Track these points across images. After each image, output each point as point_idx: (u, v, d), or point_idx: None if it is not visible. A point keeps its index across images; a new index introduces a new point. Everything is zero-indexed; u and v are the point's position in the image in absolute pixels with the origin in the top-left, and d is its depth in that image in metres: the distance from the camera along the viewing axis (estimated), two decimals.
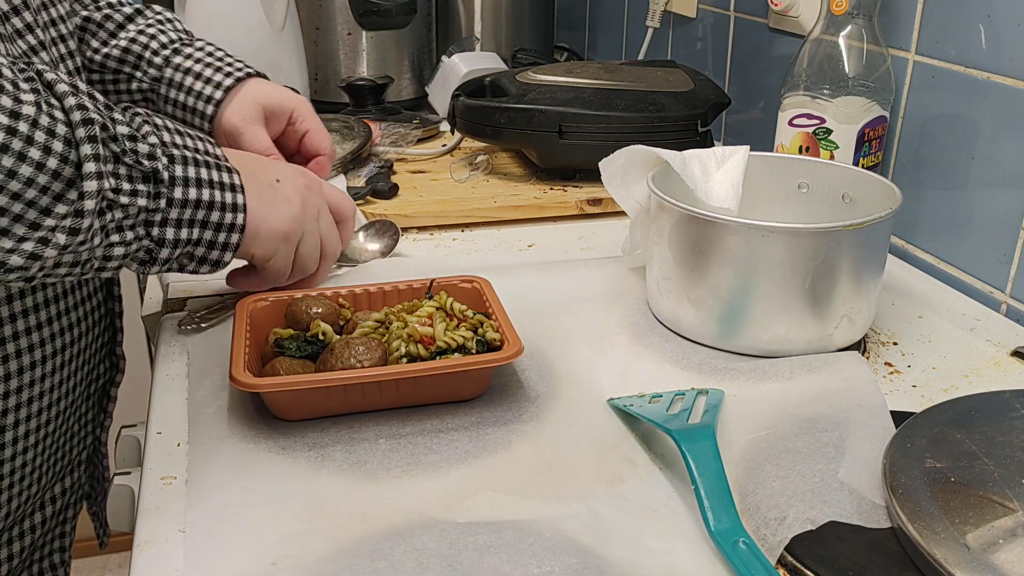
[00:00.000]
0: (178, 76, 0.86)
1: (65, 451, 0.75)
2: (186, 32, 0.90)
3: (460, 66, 1.35)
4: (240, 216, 0.65)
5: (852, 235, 0.67)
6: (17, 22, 0.64)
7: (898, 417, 0.60)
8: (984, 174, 0.83)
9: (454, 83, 1.25)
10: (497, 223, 1.01)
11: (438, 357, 0.63)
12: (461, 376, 0.63)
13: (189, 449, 0.60)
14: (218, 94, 0.85)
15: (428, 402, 0.64)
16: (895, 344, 0.75)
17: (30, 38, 0.65)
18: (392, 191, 1.04)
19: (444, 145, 1.25)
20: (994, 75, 0.81)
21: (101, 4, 0.88)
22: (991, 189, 0.82)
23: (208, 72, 0.86)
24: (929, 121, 0.89)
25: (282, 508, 0.54)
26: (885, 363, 0.72)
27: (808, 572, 0.49)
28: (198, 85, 0.85)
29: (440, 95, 1.38)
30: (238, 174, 0.65)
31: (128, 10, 0.88)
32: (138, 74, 0.86)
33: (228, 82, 0.85)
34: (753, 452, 0.58)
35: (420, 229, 0.99)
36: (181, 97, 0.86)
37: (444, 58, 1.40)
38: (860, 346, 0.73)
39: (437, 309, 0.68)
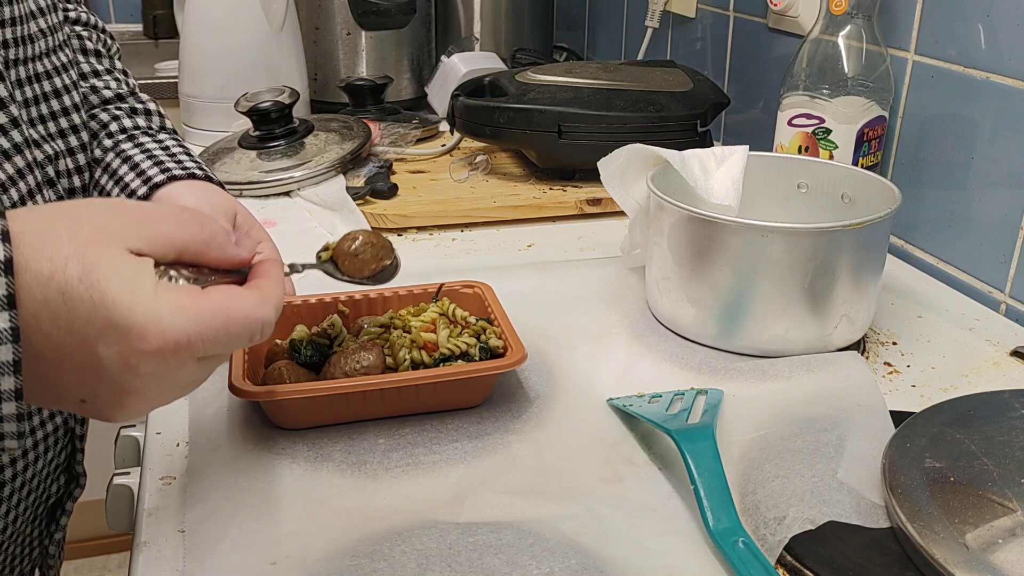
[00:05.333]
0: (115, 163, 0.73)
1: (4, 574, 0.69)
2: (161, 128, 0.79)
3: (459, 66, 1.35)
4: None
5: (851, 235, 0.67)
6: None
7: (897, 417, 0.60)
8: (983, 174, 0.83)
9: (453, 83, 1.25)
10: (496, 223, 1.01)
11: (441, 364, 0.63)
12: (464, 383, 0.63)
13: (189, 449, 0.61)
14: (142, 189, 0.70)
15: (431, 410, 0.63)
16: (894, 344, 0.75)
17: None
18: (391, 191, 1.04)
19: (443, 145, 1.25)
20: (993, 75, 0.81)
21: (98, 70, 0.78)
22: (990, 189, 0.82)
23: (146, 164, 0.72)
24: (928, 121, 0.89)
25: (282, 508, 0.54)
26: (884, 363, 0.72)
27: (807, 572, 0.49)
28: (129, 176, 0.71)
29: (439, 95, 1.38)
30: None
31: (108, 93, 0.78)
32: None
33: (160, 178, 0.70)
34: (752, 452, 0.58)
35: (419, 229, 0.99)
36: (109, 186, 0.72)
37: (443, 58, 1.40)
38: (859, 346, 0.73)
39: (440, 315, 0.68)
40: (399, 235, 0.98)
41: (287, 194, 1.08)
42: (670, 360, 0.71)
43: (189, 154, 0.77)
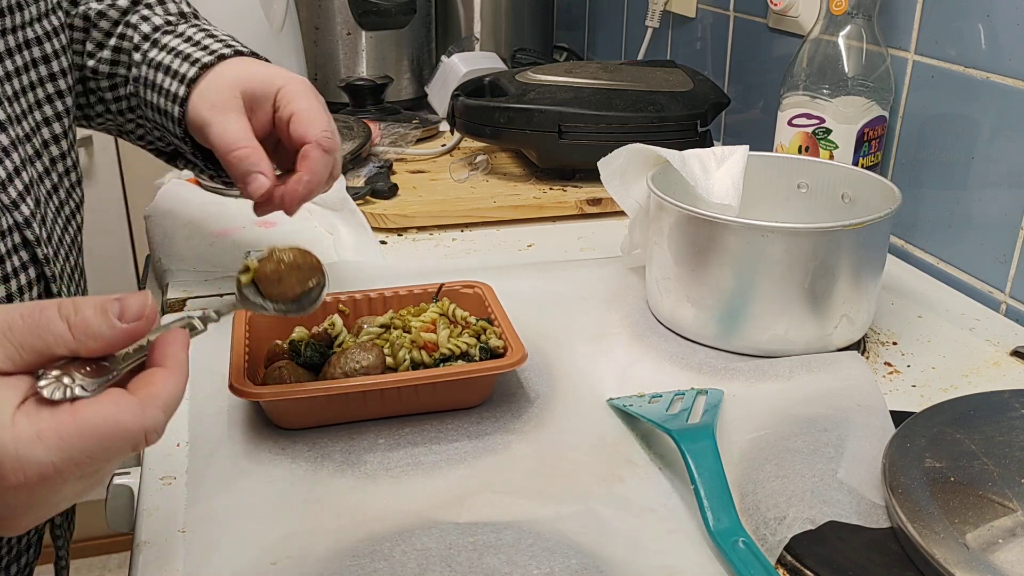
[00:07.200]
0: (150, 74, 0.72)
1: (11, 543, 0.67)
2: (180, 14, 0.79)
3: (459, 66, 1.35)
4: None
5: (852, 235, 0.67)
6: None
7: (898, 417, 0.60)
8: (983, 174, 0.83)
9: (453, 83, 1.25)
10: (497, 223, 1.01)
11: (441, 364, 0.63)
12: (464, 384, 0.63)
13: (189, 449, 0.60)
14: (182, 90, 0.70)
15: (431, 410, 0.63)
16: (895, 344, 0.75)
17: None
18: (391, 191, 1.04)
19: (443, 145, 1.25)
20: (993, 75, 0.81)
21: None
22: (990, 189, 0.82)
23: (176, 64, 0.71)
24: (928, 121, 0.89)
25: (282, 508, 0.54)
26: (885, 363, 0.72)
27: (808, 572, 0.49)
28: (166, 82, 0.71)
29: (439, 95, 1.38)
30: None
31: (124, 2, 0.77)
32: (122, 77, 0.75)
33: (192, 72, 0.69)
34: (753, 452, 0.58)
35: (420, 229, 0.99)
36: (154, 99, 0.72)
37: (443, 58, 1.40)
38: (860, 346, 0.73)
39: (440, 315, 0.68)
40: (399, 235, 0.98)
41: None
42: (670, 360, 0.71)
43: (214, 36, 0.75)
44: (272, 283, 0.56)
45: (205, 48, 0.72)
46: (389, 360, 0.63)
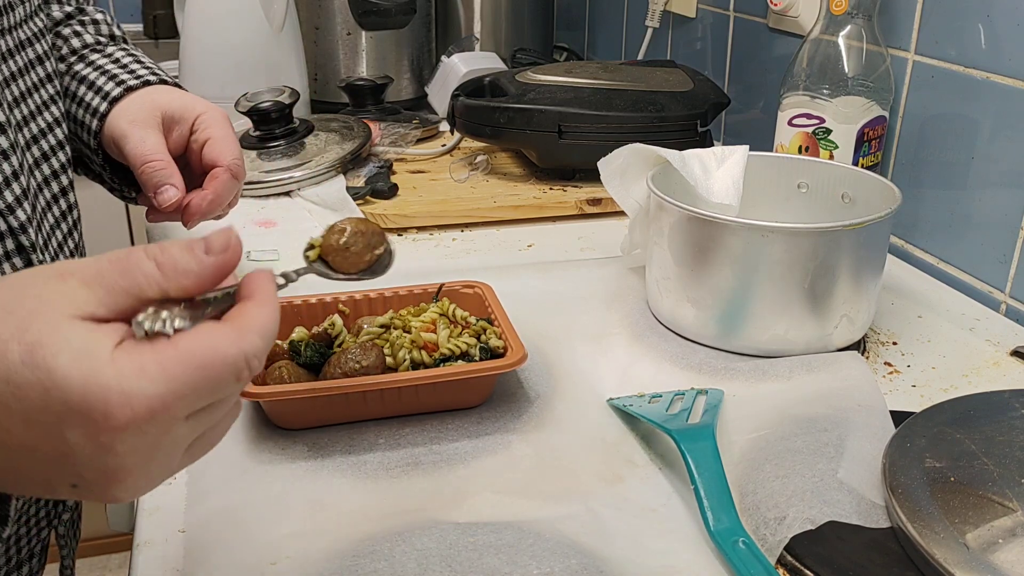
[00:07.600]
0: (73, 86, 0.75)
1: (11, 554, 0.67)
2: (111, 36, 0.82)
3: (459, 66, 1.35)
4: None
5: (852, 235, 0.67)
6: None
7: (898, 417, 0.60)
8: (983, 174, 0.83)
9: (453, 83, 1.25)
10: (497, 223, 1.01)
11: (441, 364, 0.63)
12: (464, 384, 0.63)
13: None
14: (103, 106, 0.72)
15: (431, 410, 0.63)
16: (895, 344, 0.75)
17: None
18: (392, 191, 1.04)
19: (444, 145, 1.25)
20: (993, 75, 0.81)
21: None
22: (990, 189, 0.82)
23: (101, 81, 0.74)
24: (928, 121, 0.89)
25: (282, 508, 0.54)
26: (885, 363, 0.72)
27: (808, 572, 0.49)
28: (88, 96, 0.73)
29: (439, 95, 1.38)
30: None
31: (59, 14, 0.79)
32: None
33: (116, 92, 0.73)
34: (753, 452, 0.58)
35: (420, 229, 0.99)
36: (72, 108, 0.74)
37: (444, 58, 1.40)
38: (860, 346, 0.73)
39: (440, 315, 0.68)
40: (399, 235, 0.98)
41: (287, 194, 1.08)
42: (670, 360, 0.71)
43: (143, 63, 0.78)
44: (339, 254, 0.55)
45: (132, 72, 0.76)
46: (389, 360, 0.63)
